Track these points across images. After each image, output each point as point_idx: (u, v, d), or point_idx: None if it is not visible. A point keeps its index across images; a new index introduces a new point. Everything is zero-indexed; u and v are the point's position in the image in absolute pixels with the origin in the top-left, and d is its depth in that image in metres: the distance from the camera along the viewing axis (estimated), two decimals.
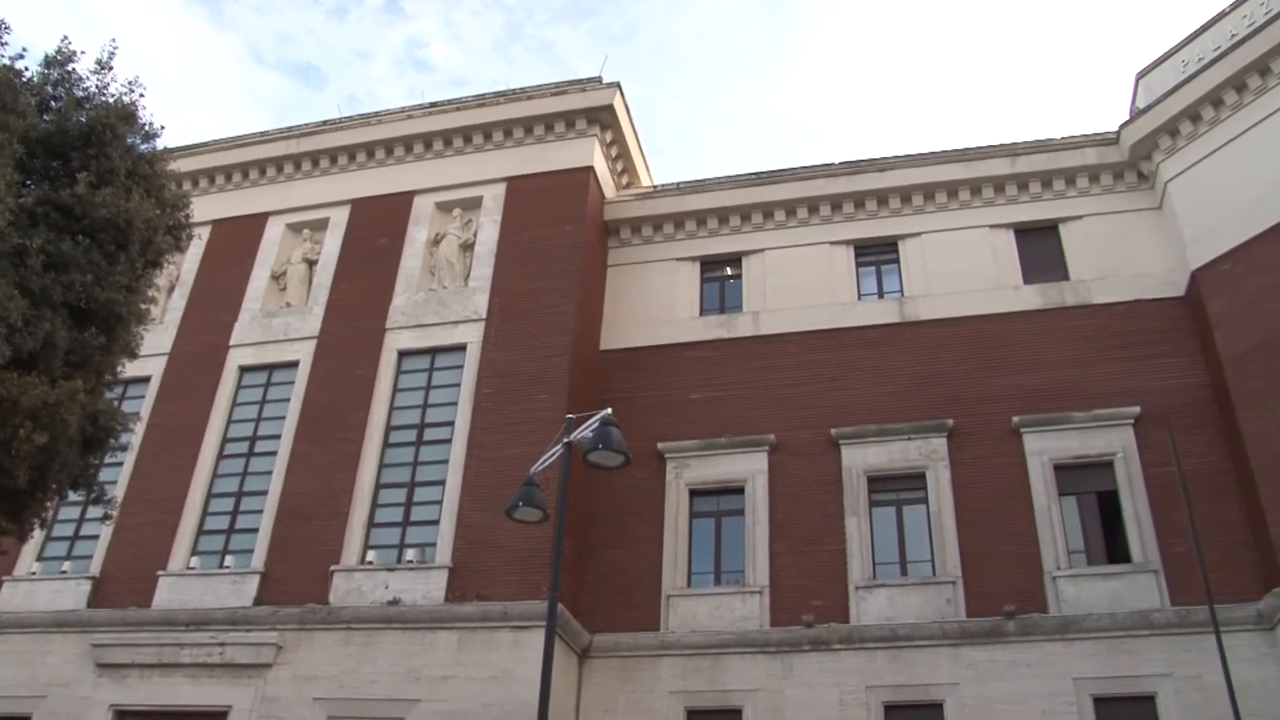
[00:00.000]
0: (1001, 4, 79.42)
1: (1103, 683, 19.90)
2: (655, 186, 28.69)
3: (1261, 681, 19.20)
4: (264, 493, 24.10)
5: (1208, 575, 18.25)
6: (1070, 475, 22.51)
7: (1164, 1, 79.06)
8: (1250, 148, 23.13)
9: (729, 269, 27.04)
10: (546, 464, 14.49)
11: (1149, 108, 24.88)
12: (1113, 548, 21.73)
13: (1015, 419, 22.95)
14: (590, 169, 26.52)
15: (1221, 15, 24.33)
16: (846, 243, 26.37)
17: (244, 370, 26.34)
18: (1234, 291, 22.47)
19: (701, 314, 26.39)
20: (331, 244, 27.53)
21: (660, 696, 21.47)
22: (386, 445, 24.10)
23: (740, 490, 23.66)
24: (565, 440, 14.02)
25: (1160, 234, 24.74)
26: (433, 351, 25.06)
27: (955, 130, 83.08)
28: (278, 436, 24.86)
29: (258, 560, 23.11)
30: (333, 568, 22.43)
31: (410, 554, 22.42)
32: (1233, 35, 23.82)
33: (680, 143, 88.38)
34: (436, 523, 22.64)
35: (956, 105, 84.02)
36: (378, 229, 27.12)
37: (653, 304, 26.58)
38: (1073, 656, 20.23)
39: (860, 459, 23.34)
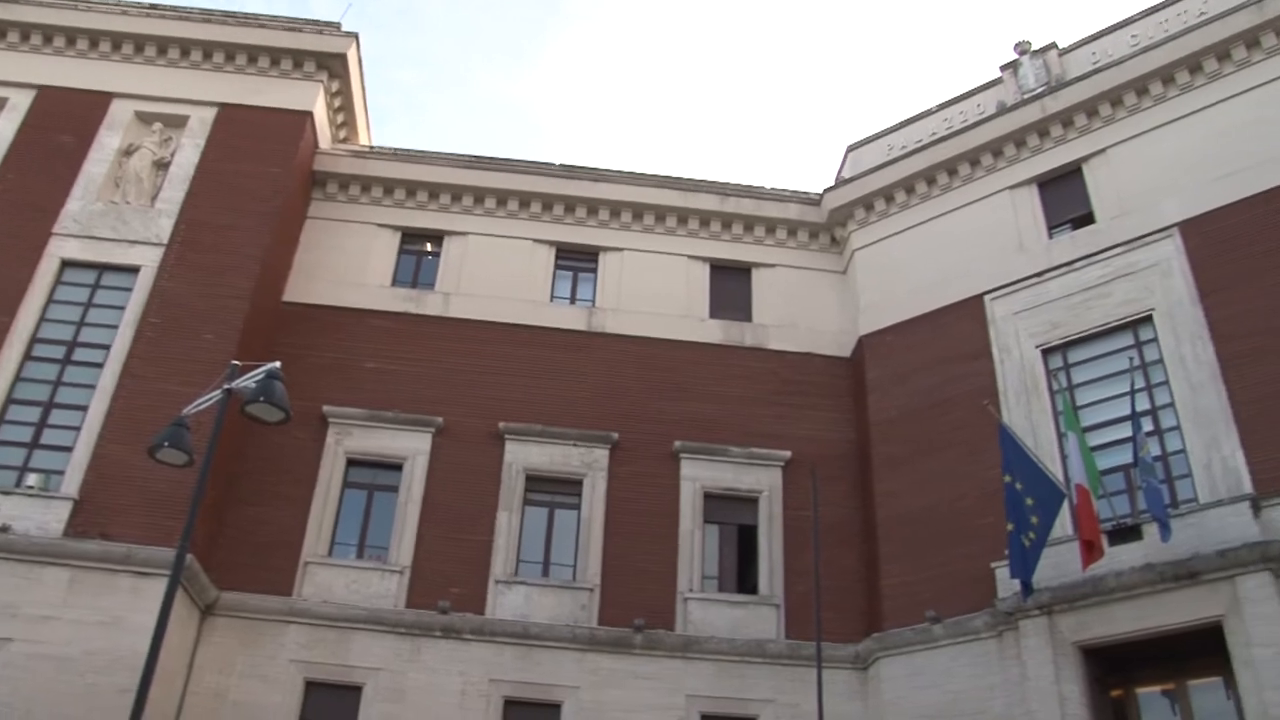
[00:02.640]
0: (748, 44, 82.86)
1: (712, 701, 21.20)
2: (371, 147, 27.93)
3: (850, 714, 21.19)
4: None
5: (821, 615, 19.64)
6: (717, 505, 23.75)
7: (892, 82, 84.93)
8: (929, 237, 25.31)
9: (429, 245, 26.62)
10: (201, 407, 13.77)
11: (852, 179, 26.75)
12: (744, 578, 23.10)
13: (677, 443, 23.96)
14: (309, 115, 25.42)
15: (928, 113, 26.51)
16: (550, 243, 26.64)
17: None
18: (891, 362, 24.46)
19: (393, 284, 25.77)
20: (5, 128, 24.77)
21: (280, 664, 20.80)
22: (28, 358, 21.95)
23: (399, 467, 23.30)
24: (226, 386, 13.37)
25: (840, 296, 26.58)
26: (101, 268, 23.13)
27: (675, 155, 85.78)
28: None
29: None
30: None
31: (32, 479, 20.53)
32: (933, 133, 26.00)
33: (408, 110, 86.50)
34: (69, 450, 20.86)
35: (684, 131, 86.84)
36: (64, 124, 24.68)
37: (346, 264, 25.73)
38: (690, 674, 21.37)
39: (523, 456, 23.60)
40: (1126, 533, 19.25)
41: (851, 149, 27.60)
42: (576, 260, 26.82)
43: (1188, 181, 21.91)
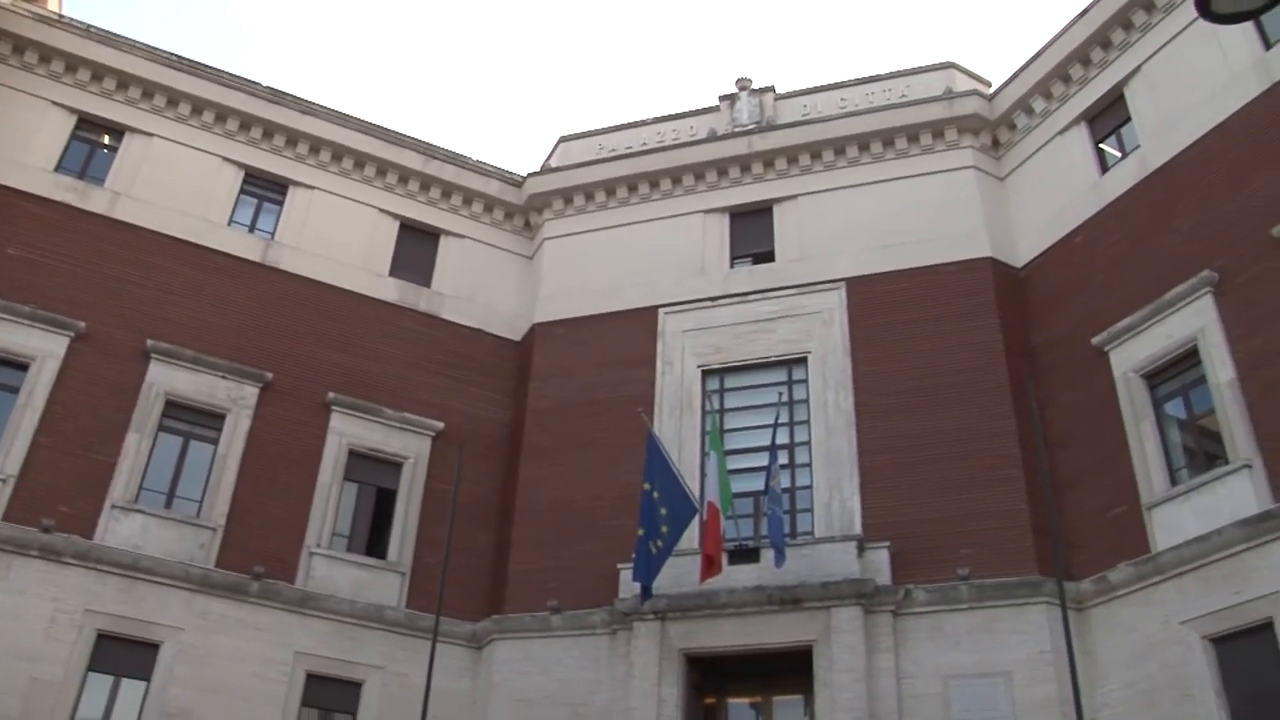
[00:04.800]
0: (482, 15, 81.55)
1: (321, 661, 20.72)
2: (61, 16, 25.09)
3: (457, 691, 21.41)
4: None
5: (444, 590, 19.69)
6: (361, 464, 23.25)
7: (616, 85, 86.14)
8: (619, 241, 25.96)
9: (107, 138, 24.33)
10: None
11: (558, 169, 27.06)
12: (374, 542, 22.73)
13: (331, 395, 23.28)
14: None
15: (643, 123, 27.26)
16: (240, 165, 24.99)
17: None
18: (558, 354, 24.91)
19: (58, 170, 23.20)
20: None
21: None
22: None
23: (24, 367, 21.00)
24: None
25: (522, 280, 26.81)
26: None
27: (384, 104, 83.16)
28: None
29: None
30: None
31: None
32: (644, 143, 26.76)
33: None
34: None
35: (398, 82, 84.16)
36: None
37: (5, 137, 22.90)
38: (303, 631, 20.79)
39: (166, 379, 22.07)
40: (746, 554, 20.56)
41: (564, 140, 27.92)
42: (264, 189, 25.34)
43: (860, 242, 23.75)
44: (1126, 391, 19.75)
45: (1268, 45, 19.36)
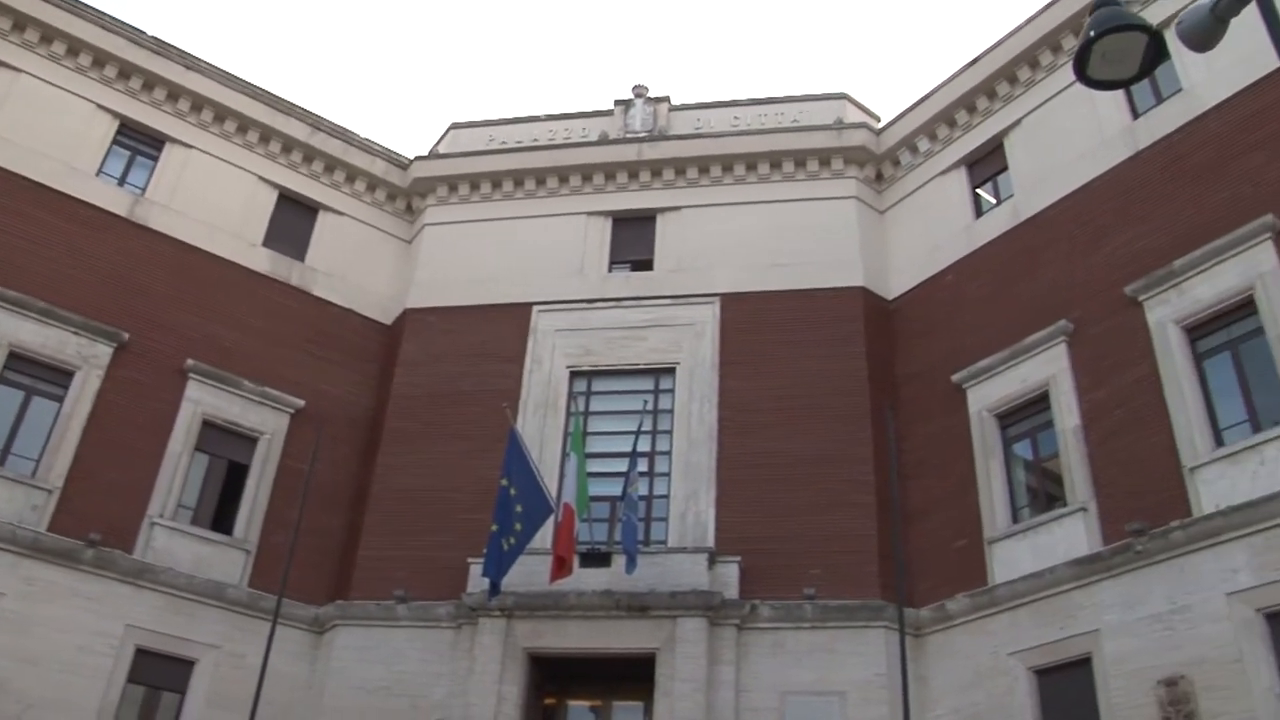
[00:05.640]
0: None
1: (154, 636, 19.96)
2: None
3: (294, 674, 20.91)
4: None
5: (290, 571, 19.30)
6: (214, 435, 22.54)
7: (516, 77, 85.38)
8: (500, 234, 25.75)
9: None
10: None
11: (446, 155, 26.83)
12: (221, 517, 22.08)
13: (189, 362, 22.54)
14: None
15: (536, 119, 27.22)
16: (115, 114, 23.94)
17: None
18: (428, 342, 24.65)
19: None
20: None
21: None
22: None
23: None
24: None
25: (398, 264, 26.42)
26: None
27: (271, 66, 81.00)
28: None
29: None
30: None
31: None
32: (535, 139, 26.72)
33: None
34: None
35: (289, 45, 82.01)
36: None
37: None
38: (137, 603, 20.01)
39: (12, 329, 20.87)
40: (598, 558, 20.59)
41: (455, 127, 27.64)
42: (139, 142, 24.33)
43: (739, 259, 24.09)
44: (979, 429, 20.47)
45: (1135, 115, 20.33)
